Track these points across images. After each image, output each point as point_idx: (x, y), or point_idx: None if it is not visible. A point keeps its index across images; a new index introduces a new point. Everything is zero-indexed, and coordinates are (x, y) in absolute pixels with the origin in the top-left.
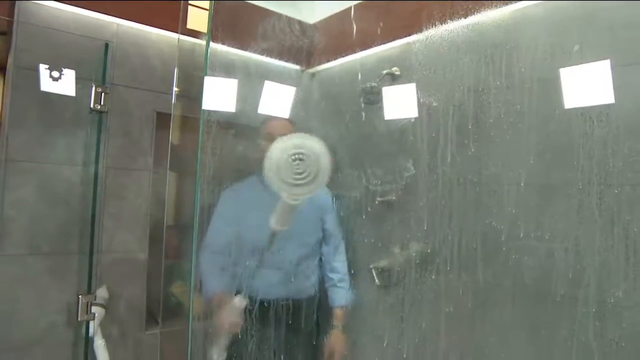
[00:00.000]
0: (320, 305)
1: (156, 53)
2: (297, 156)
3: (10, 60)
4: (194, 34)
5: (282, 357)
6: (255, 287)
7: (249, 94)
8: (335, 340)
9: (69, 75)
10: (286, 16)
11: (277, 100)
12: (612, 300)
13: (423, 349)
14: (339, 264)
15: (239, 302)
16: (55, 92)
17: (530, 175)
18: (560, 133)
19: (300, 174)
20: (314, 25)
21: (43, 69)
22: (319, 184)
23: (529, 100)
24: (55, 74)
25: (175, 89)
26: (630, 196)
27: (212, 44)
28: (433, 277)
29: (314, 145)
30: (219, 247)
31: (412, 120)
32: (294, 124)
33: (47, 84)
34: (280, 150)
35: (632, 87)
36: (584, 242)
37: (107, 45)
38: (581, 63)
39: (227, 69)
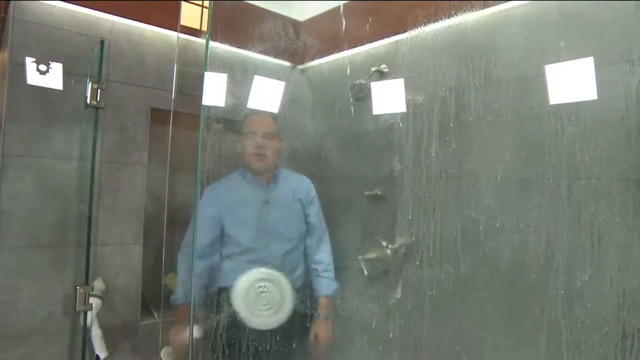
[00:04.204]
0: (309, 295)
1: (150, 50)
2: (262, 288)
3: (3, 56)
4: (187, 30)
5: (275, 348)
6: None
7: (239, 89)
8: (320, 328)
9: (57, 69)
10: (277, 14)
11: (266, 95)
12: (579, 284)
13: (408, 329)
14: (323, 254)
15: (195, 331)
16: (41, 86)
17: (506, 170)
18: (534, 131)
19: (265, 304)
20: (304, 23)
21: (30, 62)
22: (279, 319)
23: (506, 100)
24: (43, 67)
25: (174, 85)
26: (596, 189)
27: (203, 41)
28: (417, 263)
29: (280, 280)
30: (199, 249)
31: (399, 120)
32: (276, 119)
33: (34, 78)
34: (247, 277)
35: (599, 87)
36: (554, 231)
37: (102, 42)
38: (560, 62)
39: (220, 65)
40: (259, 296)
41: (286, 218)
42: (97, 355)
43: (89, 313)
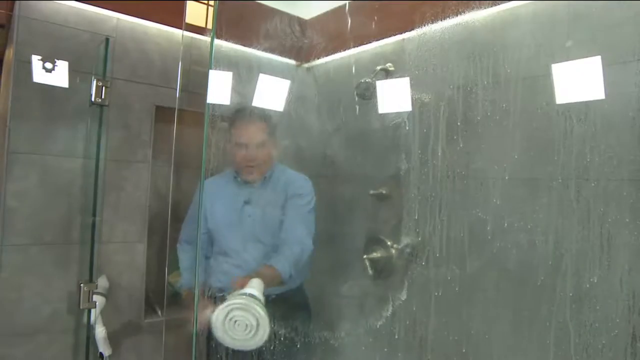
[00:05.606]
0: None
1: (155, 47)
2: (235, 318)
3: (9, 54)
4: (192, 28)
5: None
6: (223, 284)
7: (244, 87)
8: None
9: (63, 66)
10: (282, 12)
11: (271, 93)
12: (588, 286)
13: (413, 330)
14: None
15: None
16: (47, 84)
17: (514, 170)
18: (542, 130)
19: (243, 330)
20: (310, 21)
21: (36, 60)
22: (259, 340)
23: (514, 98)
24: (49, 65)
25: (179, 83)
26: (606, 189)
27: (208, 39)
28: (423, 263)
29: (250, 305)
30: (194, 237)
31: (406, 119)
32: (267, 121)
33: (40, 76)
34: (219, 313)
35: (610, 86)
36: (562, 232)
37: (107, 39)
38: (567, 61)
39: (225, 63)
40: (236, 325)
41: (267, 220)
42: (101, 353)
43: (92, 311)
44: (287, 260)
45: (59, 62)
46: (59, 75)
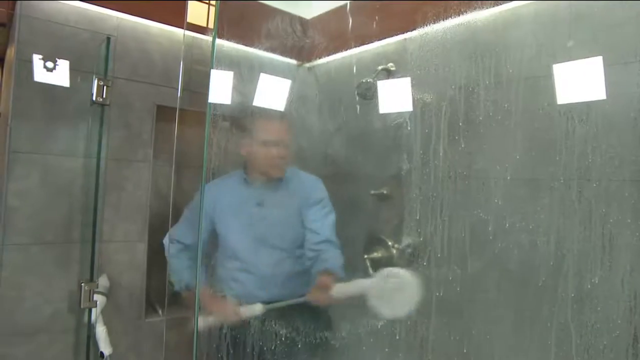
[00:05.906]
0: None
1: (156, 47)
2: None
3: (10, 53)
4: (194, 28)
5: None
6: (229, 287)
7: (246, 87)
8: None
9: (64, 66)
10: (284, 11)
11: (272, 93)
12: (589, 286)
13: (414, 330)
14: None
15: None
16: (49, 83)
17: (516, 170)
18: (544, 130)
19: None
20: (311, 21)
21: (37, 59)
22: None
23: (516, 99)
24: (50, 64)
25: (180, 83)
26: (607, 190)
27: (209, 38)
28: (424, 264)
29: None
30: (191, 240)
31: (407, 117)
32: (286, 121)
33: (41, 75)
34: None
35: (612, 87)
36: (564, 232)
37: (108, 38)
38: (569, 61)
39: (227, 62)
40: (393, 284)
41: (281, 223)
42: (101, 352)
43: (93, 310)
44: (337, 261)
45: (60, 61)
46: (60, 75)
